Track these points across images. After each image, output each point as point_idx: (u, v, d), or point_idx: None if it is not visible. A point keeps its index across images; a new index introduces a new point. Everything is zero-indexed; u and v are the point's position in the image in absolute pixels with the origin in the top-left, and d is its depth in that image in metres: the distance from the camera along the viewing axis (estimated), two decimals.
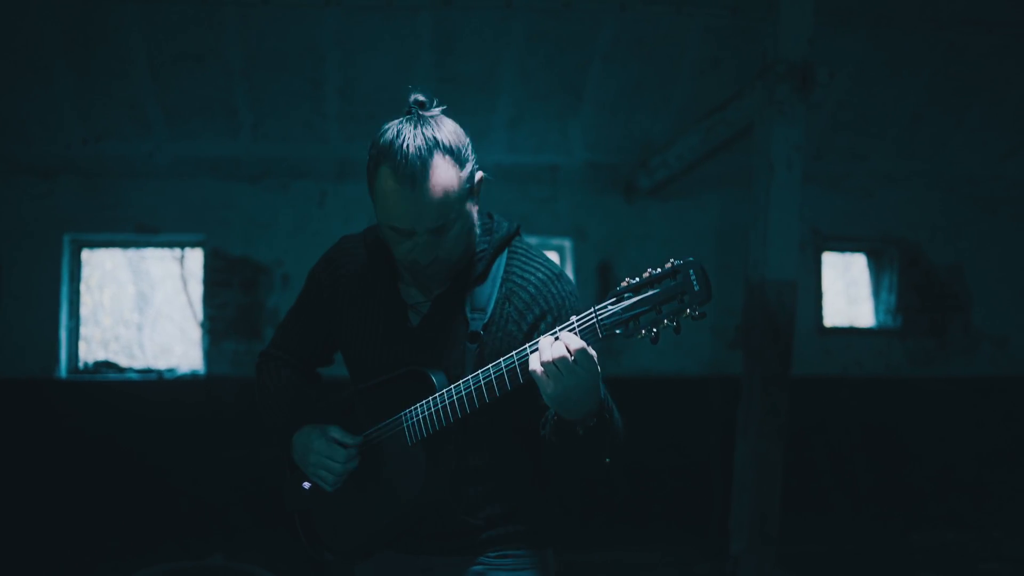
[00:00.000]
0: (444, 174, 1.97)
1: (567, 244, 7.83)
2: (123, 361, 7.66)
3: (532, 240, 7.90)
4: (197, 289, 7.59)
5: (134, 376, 7.35)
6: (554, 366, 1.79)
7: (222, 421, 6.99)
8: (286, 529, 2.40)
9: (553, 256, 7.89)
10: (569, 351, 1.78)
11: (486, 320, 2.08)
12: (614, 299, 1.78)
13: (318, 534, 2.28)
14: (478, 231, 2.14)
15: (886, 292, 8.19)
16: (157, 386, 7.22)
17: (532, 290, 2.10)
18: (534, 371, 1.82)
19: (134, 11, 6.01)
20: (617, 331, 1.78)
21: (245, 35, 6.18)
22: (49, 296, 7.22)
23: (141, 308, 7.76)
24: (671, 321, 1.75)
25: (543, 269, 2.14)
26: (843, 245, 8.23)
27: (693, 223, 7.66)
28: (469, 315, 2.09)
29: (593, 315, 1.80)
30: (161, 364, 7.62)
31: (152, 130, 6.75)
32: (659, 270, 1.76)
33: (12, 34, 5.99)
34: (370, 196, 2.04)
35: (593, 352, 1.79)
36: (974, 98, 7.24)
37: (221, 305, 7.28)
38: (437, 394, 2.02)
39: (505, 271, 2.14)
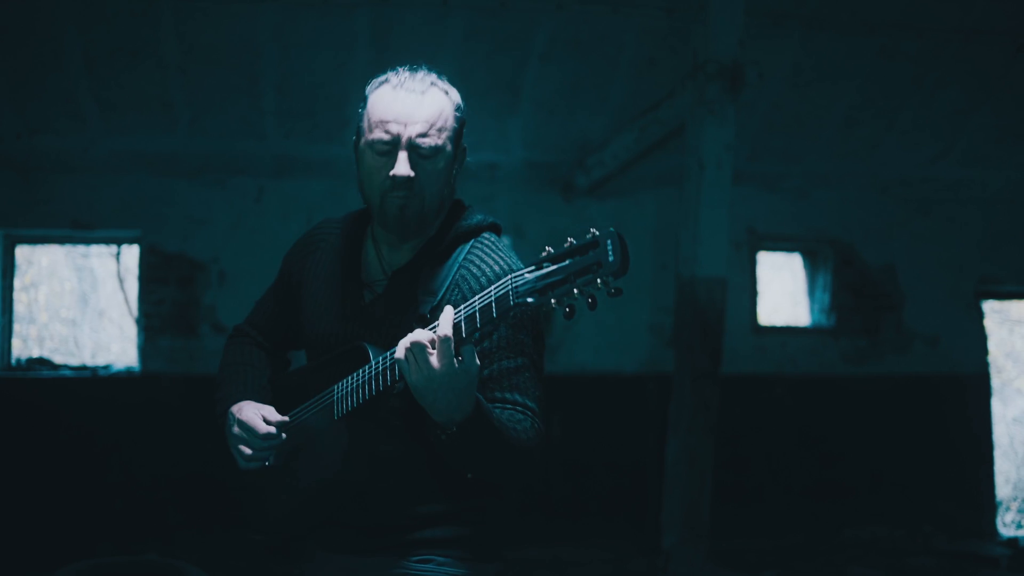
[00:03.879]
0: (441, 100, 2.06)
1: (506, 241, 7.87)
2: (59, 358, 7.58)
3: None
4: (134, 286, 7.52)
5: (68, 373, 7.28)
6: (411, 352, 1.77)
7: (158, 418, 6.94)
8: (220, 526, 2.39)
9: None
10: (431, 340, 1.75)
11: (435, 303, 2.04)
12: (533, 267, 1.71)
13: (250, 513, 2.27)
14: (446, 202, 2.14)
15: (820, 291, 8.32)
16: (92, 383, 7.15)
17: (484, 281, 2.04)
18: (399, 356, 1.79)
19: (68, 4, 5.95)
20: (529, 299, 1.68)
21: (181, 29, 6.15)
22: None
23: (78, 305, 7.67)
24: (585, 294, 1.66)
25: (503, 263, 2.09)
26: (778, 245, 8.35)
27: (630, 222, 7.73)
28: (420, 297, 2.06)
29: (509, 282, 1.72)
30: (98, 361, 7.55)
31: (87, 124, 6.68)
32: (579, 241, 1.69)
33: None
34: (359, 131, 2.10)
35: (456, 355, 1.75)
36: (906, 101, 7.37)
37: (157, 302, 7.23)
38: (365, 366, 1.97)
39: (465, 258, 2.10)
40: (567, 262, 1.68)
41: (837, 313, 8.21)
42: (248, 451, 2.11)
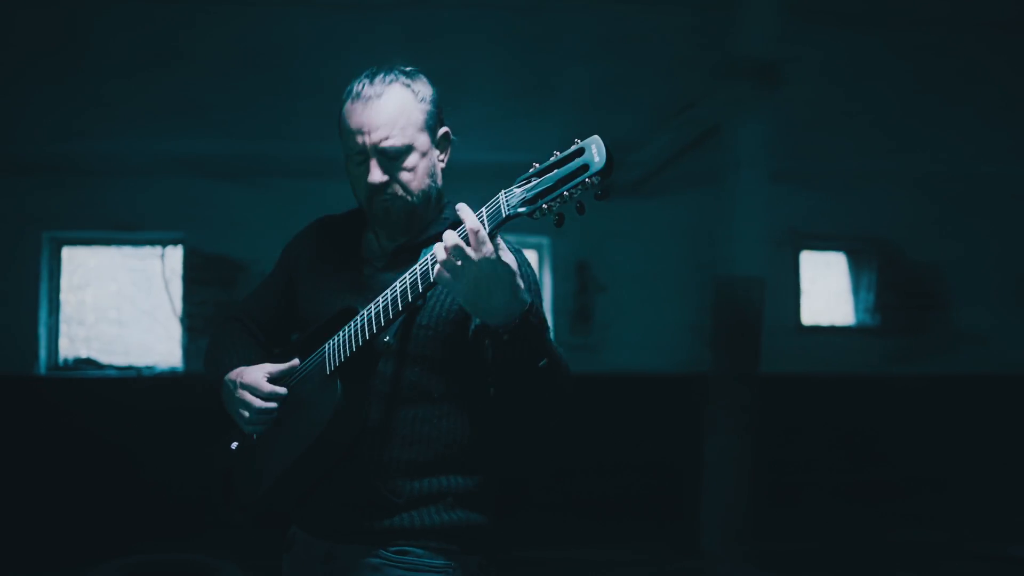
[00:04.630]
0: (400, 97, 2.06)
1: (544, 242, 7.86)
2: (105, 359, 7.69)
3: (510, 238, 7.91)
4: (178, 287, 7.62)
5: (113, 373, 7.39)
6: (451, 259, 1.75)
7: (200, 418, 7.00)
8: (261, 525, 2.32)
9: (531, 255, 7.98)
10: (463, 237, 1.74)
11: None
12: (523, 182, 1.73)
13: (234, 491, 2.21)
14: (433, 191, 2.13)
15: (865, 290, 8.20)
16: (136, 383, 7.25)
17: None
18: (439, 272, 1.78)
19: (105, 10, 6.03)
20: (522, 210, 1.70)
21: (218, 34, 6.20)
22: (28, 294, 7.26)
23: (125, 306, 7.78)
24: (573, 199, 1.68)
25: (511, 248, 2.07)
26: (822, 244, 8.24)
27: (669, 221, 7.68)
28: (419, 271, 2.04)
29: (501, 196, 1.74)
30: (142, 361, 7.66)
31: (129, 128, 6.77)
32: (563, 152, 1.71)
33: None
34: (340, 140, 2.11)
35: (489, 246, 1.72)
36: (950, 96, 7.23)
37: (200, 302, 7.32)
38: (357, 315, 1.98)
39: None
40: (554, 171, 1.70)
41: (882, 312, 8.10)
42: (249, 413, 2.09)
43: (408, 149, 2.06)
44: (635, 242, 7.75)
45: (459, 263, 1.74)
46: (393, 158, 2.05)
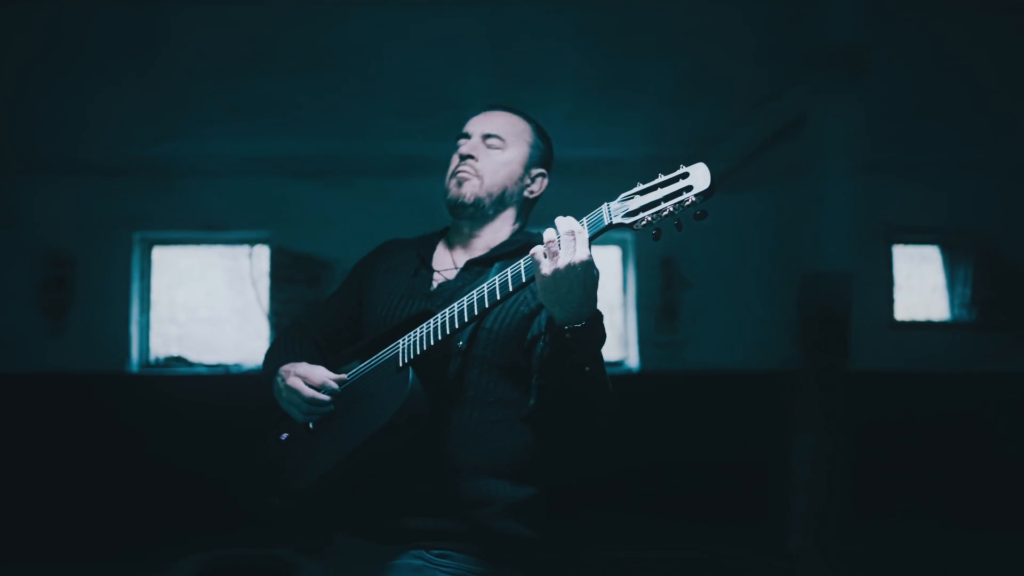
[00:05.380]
0: (516, 120, 2.36)
1: (628, 238, 7.78)
2: (194, 356, 7.83)
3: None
4: (265, 285, 7.73)
5: (203, 370, 7.52)
6: (555, 243, 1.83)
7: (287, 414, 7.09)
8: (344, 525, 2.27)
9: (615, 252, 7.90)
10: (570, 230, 1.83)
11: None
12: (627, 197, 1.84)
13: (283, 480, 2.19)
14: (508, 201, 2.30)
15: (961, 285, 7.94)
16: (224, 380, 7.37)
17: None
18: (534, 251, 1.85)
19: (191, 13, 6.12)
20: (625, 220, 1.82)
21: (299, 33, 6.24)
22: (120, 293, 7.44)
23: (216, 305, 7.92)
24: (673, 216, 1.78)
25: None
26: (915, 237, 8.00)
27: (757, 215, 7.53)
28: (491, 276, 2.09)
29: (604, 207, 1.86)
30: (232, 359, 7.78)
31: (216, 129, 6.88)
32: (671, 174, 1.82)
33: (79, 39, 6.15)
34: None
35: (587, 246, 1.82)
36: None
37: (287, 300, 7.42)
38: (435, 316, 2.03)
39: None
40: (658, 189, 1.81)
41: (978, 307, 7.82)
42: (304, 404, 2.09)
43: (504, 146, 2.29)
44: (721, 237, 7.62)
45: (558, 249, 1.82)
46: (491, 146, 2.28)
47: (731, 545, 6.89)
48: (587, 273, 1.83)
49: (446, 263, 2.31)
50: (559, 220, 1.85)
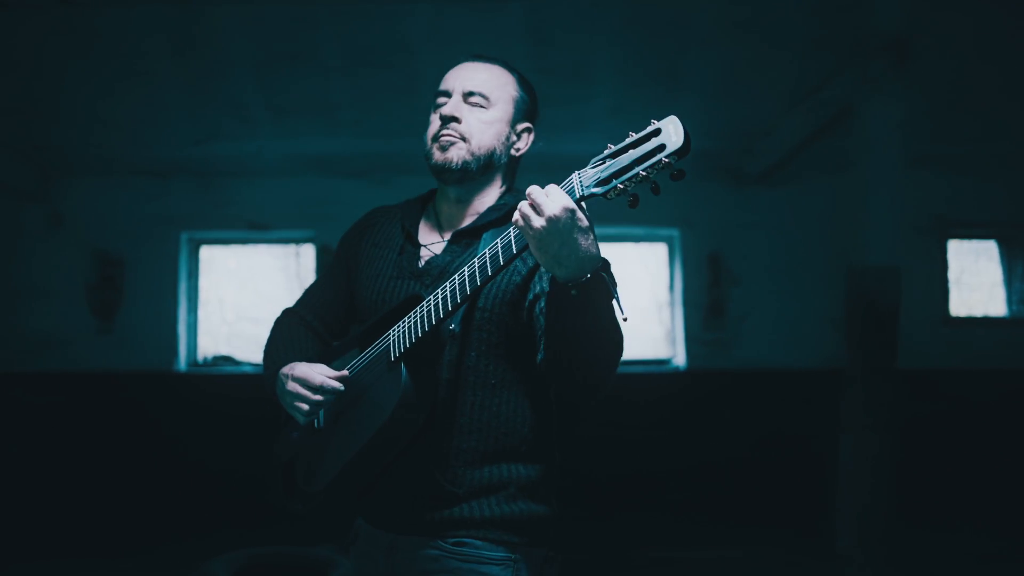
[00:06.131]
0: (499, 72, 2.19)
1: (675, 234, 7.67)
2: (241, 355, 7.88)
3: (637, 231, 7.77)
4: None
5: (249, 369, 7.56)
6: (531, 206, 1.72)
7: None
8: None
9: (660, 248, 7.80)
10: (545, 192, 1.73)
11: None
12: (598, 163, 1.73)
13: (296, 482, 2.19)
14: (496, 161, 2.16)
15: (1019, 280, 7.72)
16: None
17: None
18: (516, 219, 1.75)
19: (233, 14, 6.15)
20: (596, 190, 1.70)
21: (339, 32, 6.25)
22: (168, 293, 7.51)
23: (260, 304, 7.96)
24: (648, 180, 1.66)
25: None
26: (970, 231, 7.80)
27: (805, 209, 7.40)
28: (478, 252, 2.04)
29: (575, 177, 1.75)
30: None
31: (258, 129, 6.91)
32: (640, 132, 1.70)
33: (119, 43, 6.22)
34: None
35: (571, 204, 1.71)
36: None
37: None
38: (423, 301, 1.96)
39: None
40: (629, 152, 1.69)
41: None
42: (305, 406, 2.06)
43: (488, 104, 2.13)
44: (769, 231, 7.50)
45: (538, 207, 1.72)
46: (474, 104, 2.12)
47: (779, 547, 6.77)
48: (575, 223, 1.71)
49: (433, 236, 2.21)
50: (531, 189, 1.75)
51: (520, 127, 2.19)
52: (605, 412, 7.21)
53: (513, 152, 2.19)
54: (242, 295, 7.99)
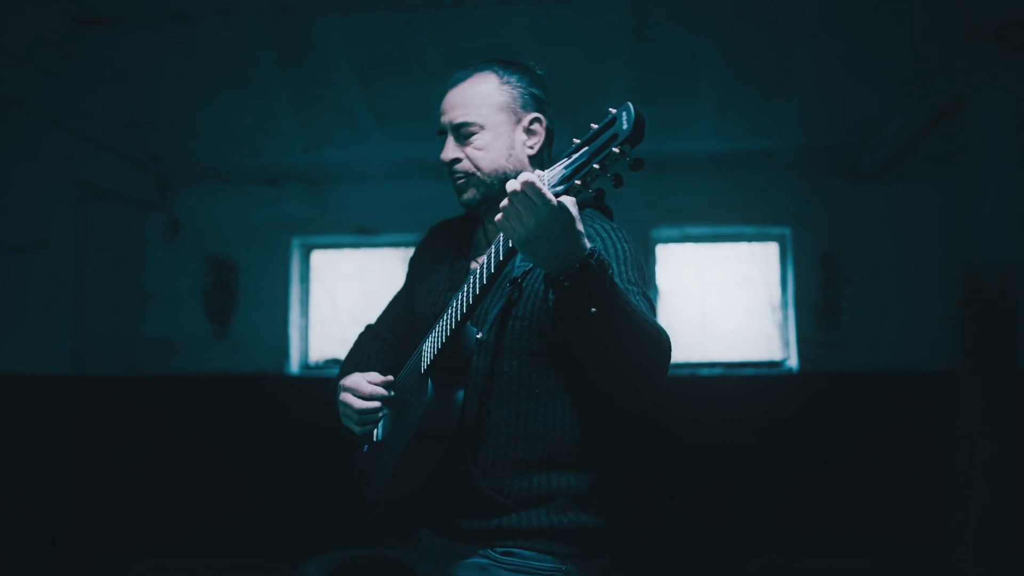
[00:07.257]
0: (482, 79, 2.14)
1: (787, 233, 7.47)
2: None
3: (748, 231, 7.59)
4: None
5: None
6: (511, 205, 1.67)
7: None
8: None
9: (772, 247, 7.60)
10: (522, 184, 1.66)
11: (527, 267, 2.02)
12: (563, 159, 1.67)
13: (363, 492, 2.25)
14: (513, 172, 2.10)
15: None
16: None
17: None
18: (498, 219, 1.71)
19: (337, 22, 6.24)
20: (559, 188, 1.65)
21: (441, 36, 6.29)
22: (280, 296, 7.68)
23: (369, 307, 8.07)
24: (606, 172, 1.60)
25: (597, 225, 2.08)
26: None
27: (925, 205, 7.11)
28: (517, 263, 2.04)
29: (546, 175, 1.70)
30: None
31: (365, 135, 7.01)
32: (599, 122, 1.62)
33: (227, 55, 6.38)
34: None
35: (550, 196, 1.64)
36: None
37: None
38: (445, 312, 1.97)
39: None
40: (587, 146, 1.62)
41: None
42: (357, 415, 2.13)
43: (479, 127, 2.09)
44: (887, 229, 7.24)
45: (518, 209, 1.67)
46: (465, 135, 2.10)
47: (894, 555, 6.52)
48: (554, 219, 1.65)
49: (482, 246, 2.23)
50: (510, 183, 1.69)
51: (525, 122, 2.13)
52: (717, 415, 7.08)
53: (528, 151, 2.14)
54: (356, 298, 8.10)
